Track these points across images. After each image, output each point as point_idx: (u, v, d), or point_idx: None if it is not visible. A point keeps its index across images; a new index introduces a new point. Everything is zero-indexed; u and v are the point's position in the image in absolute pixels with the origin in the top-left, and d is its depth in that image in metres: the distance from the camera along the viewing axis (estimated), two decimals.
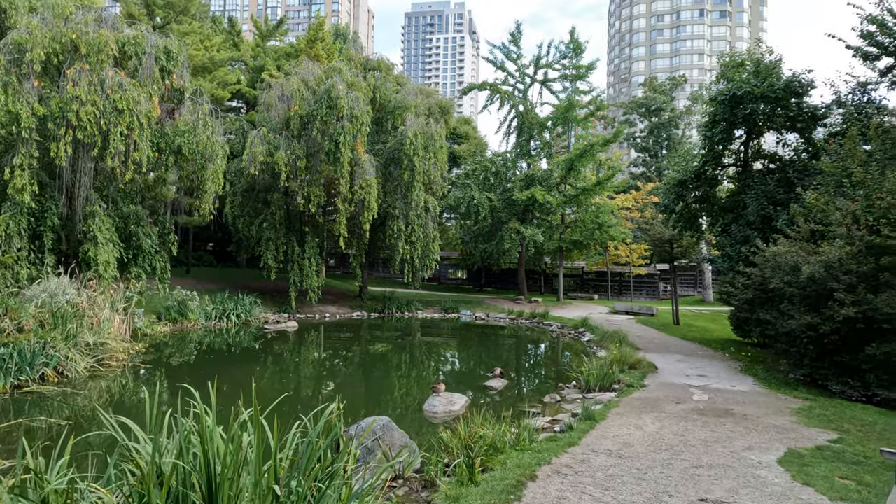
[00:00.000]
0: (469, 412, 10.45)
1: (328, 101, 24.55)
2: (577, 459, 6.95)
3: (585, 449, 7.40)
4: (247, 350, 18.50)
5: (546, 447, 7.39)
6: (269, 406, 4.92)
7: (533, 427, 8.14)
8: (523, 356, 19.55)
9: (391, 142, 28.24)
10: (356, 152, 25.27)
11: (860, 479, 6.39)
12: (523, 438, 7.77)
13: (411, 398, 12.13)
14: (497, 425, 8.10)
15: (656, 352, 17.20)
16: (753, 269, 14.60)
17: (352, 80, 27.05)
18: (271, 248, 26.21)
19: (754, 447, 7.67)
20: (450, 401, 10.68)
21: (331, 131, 24.57)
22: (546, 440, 7.87)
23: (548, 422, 9.81)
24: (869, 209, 12.42)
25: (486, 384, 12.87)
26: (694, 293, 43.19)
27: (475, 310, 31.37)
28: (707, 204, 19.64)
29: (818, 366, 12.66)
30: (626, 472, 6.50)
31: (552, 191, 32.75)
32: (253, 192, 26.99)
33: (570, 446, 7.48)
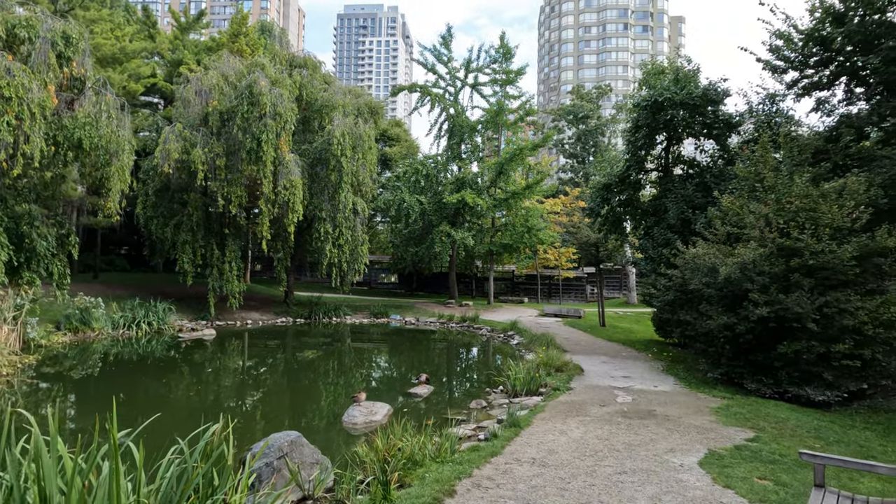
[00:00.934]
0: (391, 422, 9.95)
1: (250, 98, 23.40)
2: (499, 470, 6.60)
3: (509, 458, 7.07)
4: (155, 361, 17.15)
5: (468, 458, 7.00)
6: (156, 425, 4.24)
7: (455, 436, 7.74)
8: (452, 361, 19.22)
9: (318, 142, 27.31)
10: (280, 151, 24.20)
11: (777, 479, 6.38)
12: (445, 449, 7.35)
13: (331, 409, 11.46)
14: (417, 436, 7.64)
15: (583, 354, 17.31)
16: (674, 271, 14.91)
17: (276, 76, 25.96)
18: (188, 251, 24.66)
19: (676, 449, 7.60)
20: (371, 410, 10.13)
21: (253, 129, 23.41)
22: (469, 450, 7.48)
23: (473, 429, 9.45)
24: (779, 212, 12.91)
25: (412, 391, 12.40)
26: (619, 295, 44.52)
27: (405, 314, 30.85)
28: (631, 207, 20.07)
29: (734, 365, 13.02)
30: (549, 483, 6.20)
31: (482, 194, 32.76)
32: (168, 191, 25.31)
33: (494, 456, 7.13)
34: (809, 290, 11.99)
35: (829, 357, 11.76)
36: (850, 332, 11.79)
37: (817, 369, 11.89)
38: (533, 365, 13.35)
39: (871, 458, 7.74)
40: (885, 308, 11.95)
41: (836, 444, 8.35)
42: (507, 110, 33.78)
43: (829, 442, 8.40)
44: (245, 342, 22.06)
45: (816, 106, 19.42)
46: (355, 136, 26.86)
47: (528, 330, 22.17)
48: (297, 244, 30.42)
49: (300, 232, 29.73)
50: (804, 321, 11.70)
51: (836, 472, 6.90)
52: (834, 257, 11.84)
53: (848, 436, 9.20)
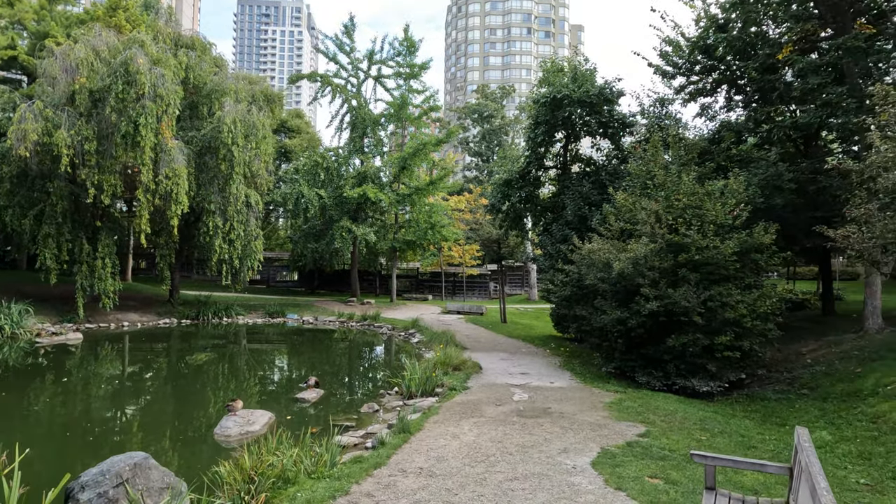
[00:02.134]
0: (271, 432, 9.03)
1: (126, 76, 21.17)
2: (381, 484, 5.95)
3: (394, 469, 6.44)
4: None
5: (348, 472, 6.30)
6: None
7: (337, 447, 6.99)
8: (347, 362, 18.34)
9: (206, 129, 25.28)
10: (162, 137, 22.12)
11: (667, 477, 6.22)
12: (324, 462, 6.60)
13: (204, 420, 10.28)
14: (294, 448, 6.83)
15: (483, 351, 17.07)
16: (571, 267, 14.99)
17: (158, 55, 23.67)
18: (51, 245, 21.94)
19: (570, 449, 7.32)
20: (248, 420, 9.13)
21: (130, 111, 21.21)
22: (351, 462, 6.78)
23: (361, 436, 8.75)
24: (669, 209, 13.25)
25: (299, 396, 11.47)
26: (522, 292, 45.42)
27: (303, 313, 29.44)
28: (531, 204, 20.16)
29: (627, 359, 13.22)
30: (434, 496, 5.64)
31: (385, 189, 31.99)
32: (27, 178, 22.38)
33: (377, 467, 6.47)
34: (695, 285, 12.37)
35: (712, 349, 12.19)
36: (731, 324, 12.28)
37: (702, 361, 12.30)
38: (430, 364, 12.84)
39: (752, 449, 7.88)
40: (762, 301, 12.58)
41: (721, 435, 8.48)
42: (411, 104, 33.19)
43: (713, 434, 8.51)
44: (117, 347, 19.90)
45: (701, 111, 20.50)
46: (248, 124, 25.15)
47: (429, 328, 21.72)
48: (184, 239, 28.14)
49: (187, 226, 27.49)
50: (691, 314, 12.03)
51: None
52: (717, 253, 12.28)
53: (730, 425, 9.44)
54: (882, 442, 8.46)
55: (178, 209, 22.41)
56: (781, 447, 8.22)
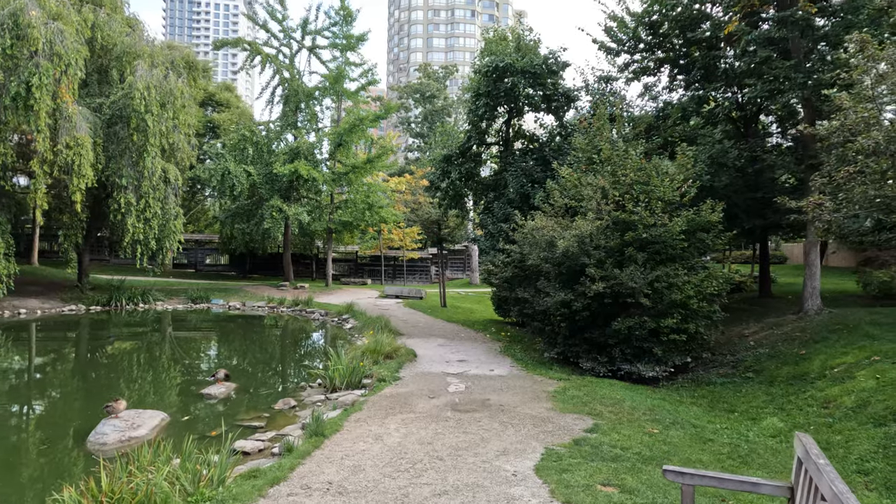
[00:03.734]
0: (162, 436, 7.62)
1: (15, 30, 18.59)
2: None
3: (296, 485, 5.23)
4: None
5: (236, 492, 5.04)
6: None
7: (227, 459, 5.70)
8: (268, 351, 16.81)
9: (117, 95, 22.80)
10: (61, 102, 19.65)
11: (622, 484, 5.30)
12: (207, 480, 5.31)
13: (83, 424, 8.63)
14: (172, 462, 5.51)
15: (419, 336, 16.00)
16: (513, 247, 14.08)
17: (58, 9, 21.00)
18: None
19: (510, 450, 6.32)
20: (132, 423, 7.66)
21: (21, 71, 18.67)
22: (243, 477, 5.52)
23: (269, 439, 7.48)
24: (615, 185, 12.49)
25: (205, 392, 10.01)
26: (463, 276, 44.65)
27: (230, 298, 27.47)
28: (472, 181, 19.13)
29: (571, 343, 12.45)
30: None
31: (319, 167, 30.21)
32: None
33: (275, 483, 5.25)
34: (642, 265, 11.68)
35: (658, 332, 11.57)
36: (677, 306, 11.69)
37: (648, 345, 11.67)
38: (357, 353, 11.63)
39: (709, 442, 7.14)
40: (709, 282, 12.04)
41: (673, 426, 7.71)
42: (347, 78, 31.37)
43: (665, 425, 7.74)
44: (4, 338, 17.59)
45: (644, 90, 19.99)
46: (165, 92, 22.87)
47: (364, 312, 20.44)
48: (95, 218, 25.63)
49: (97, 202, 25.04)
50: (637, 296, 11.34)
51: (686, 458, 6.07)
52: (665, 231, 11.62)
53: (680, 414, 8.75)
54: (838, 430, 7.93)
55: (81, 183, 20.06)
56: (737, 439, 7.54)
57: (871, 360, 10.05)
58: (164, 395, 10.49)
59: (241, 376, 12.15)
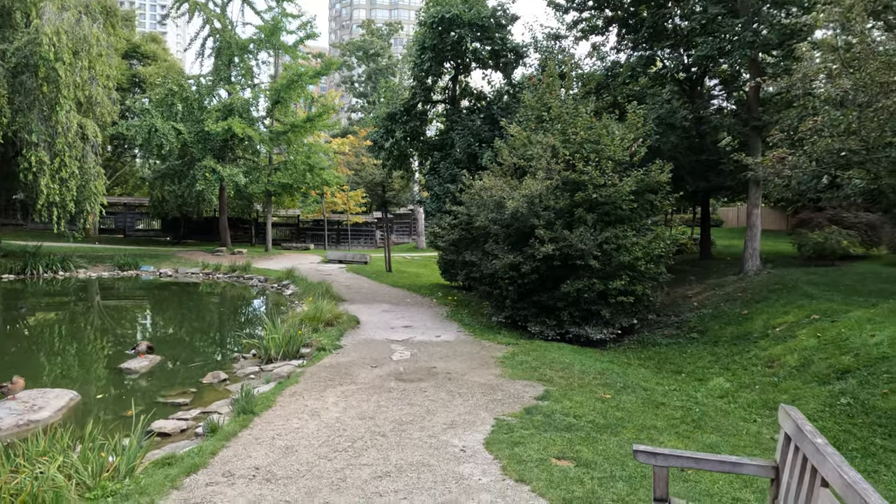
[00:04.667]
0: (70, 417, 6.82)
1: None
2: (189, 499, 4.12)
3: (217, 473, 4.61)
4: None
5: (145, 484, 4.38)
6: None
7: (137, 445, 5.00)
8: (200, 320, 15.78)
9: (22, 41, 20.48)
10: None
11: (578, 456, 4.96)
12: (114, 470, 4.62)
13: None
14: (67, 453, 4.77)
15: (363, 302, 15.39)
16: (460, 208, 13.56)
17: None
18: None
19: (458, 423, 5.89)
20: (33, 405, 6.77)
21: None
22: (156, 464, 4.85)
23: (194, 417, 6.77)
24: (566, 143, 12.08)
25: (125, 366, 9.11)
26: (409, 240, 43.99)
27: (161, 265, 25.87)
28: (417, 141, 18.34)
29: (519, 307, 12.15)
30: None
31: (255, 125, 28.52)
32: None
33: (193, 471, 4.61)
34: (592, 226, 11.41)
35: (607, 294, 11.41)
36: (626, 268, 11.53)
37: (597, 307, 11.50)
38: (295, 321, 10.93)
39: (661, 406, 6.95)
40: (656, 243, 11.92)
41: (625, 391, 7.49)
42: (284, 30, 29.44)
43: (617, 390, 7.51)
44: None
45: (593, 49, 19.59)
46: (78, 38, 20.71)
47: (304, 278, 19.57)
48: (4, 177, 23.36)
49: (5, 161, 22.76)
50: (587, 258, 11.09)
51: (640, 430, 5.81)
52: (615, 191, 11.34)
53: (629, 377, 8.58)
54: (783, 388, 7.94)
55: None
56: (687, 401, 7.40)
57: (811, 319, 10.20)
58: (77, 371, 9.51)
59: (168, 348, 11.23)
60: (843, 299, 11.00)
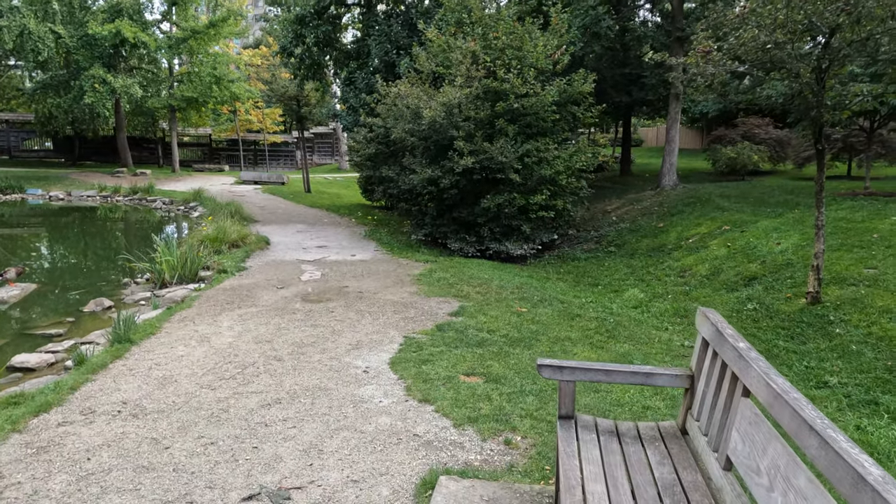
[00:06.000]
0: None
1: None
2: (30, 448, 3.50)
3: (74, 410, 3.98)
4: None
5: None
6: None
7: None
8: (90, 244, 14.38)
9: None
10: None
11: (488, 372, 4.68)
12: None
13: None
14: None
15: (277, 223, 14.49)
16: (376, 120, 12.68)
17: None
18: None
19: (363, 343, 5.47)
20: None
21: None
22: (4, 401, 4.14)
23: (67, 349, 6.00)
24: (486, 49, 11.32)
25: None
26: (332, 161, 42.21)
27: (52, 187, 23.43)
28: (330, 48, 16.89)
29: (439, 224, 11.71)
30: (122, 458, 3.37)
31: (149, 29, 25.50)
32: None
33: (44, 411, 3.96)
34: (513, 138, 10.94)
35: (527, 209, 11.14)
36: (547, 182, 11.26)
37: (517, 223, 11.25)
38: (195, 242, 10.01)
39: (576, 318, 6.82)
40: (578, 157, 11.67)
41: (541, 304, 7.32)
42: None
43: (534, 303, 7.32)
44: None
45: None
46: None
47: (213, 199, 18.22)
48: None
49: None
50: (507, 171, 10.68)
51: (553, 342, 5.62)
52: (538, 101, 10.83)
53: (547, 290, 8.44)
54: (694, 297, 8.04)
55: None
56: (602, 312, 7.33)
57: (722, 230, 10.40)
58: None
59: (48, 276, 10.10)
60: (752, 211, 11.28)
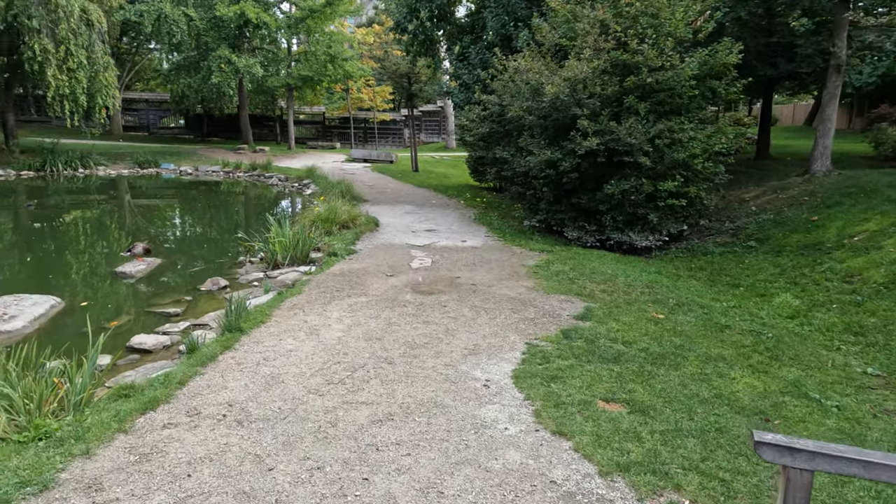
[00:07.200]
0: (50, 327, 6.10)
1: None
2: (133, 455, 3.25)
3: (180, 410, 3.75)
4: None
5: (90, 424, 3.53)
6: None
7: (87, 375, 4.15)
8: (212, 220, 14.95)
9: None
10: None
11: (631, 399, 3.93)
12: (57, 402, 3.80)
13: None
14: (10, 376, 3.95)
15: (386, 203, 14.32)
16: (491, 97, 11.98)
17: None
18: None
19: (481, 348, 4.90)
20: (3, 314, 6.03)
21: None
22: (110, 397, 4.01)
23: (182, 331, 5.97)
24: (617, 18, 10.21)
25: (119, 270, 8.35)
26: (439, 139, 42.10)
27: (182, 163, 25.06)
28: (444, 22, 16.31)
29: (556, 210, 10.86)
30: (223, 478, 3.02)
31: (271, 9, 26.30)
32: None
33: (151, 408, 3.75)
34: (644, 117, 9.81)
35: (656, 197, 10.01)
36: (680, 166, 10.04)
37: (643, 211, 10.15)
38: (307, 222, 9.94)
39: (726, 330, 5.82)
40: (717, 138, 10.31)
41: (680, 309, 6.37)
42: None
43: (670, 307, 6.40)
44: None
45: None
46: None
47: (325, 177, 18.47)
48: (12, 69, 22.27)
49: (10, 52, 21.57)
50: (636, 154, 9.60)
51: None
52: (674, 75, 9.61)
53: (682, 292, 7.43)
54: (870, 310, 6.69)
55: None
56: (753, 323, 6.25)
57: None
58: (67, 274, 8.80)
59: (171, 250, 10.50)
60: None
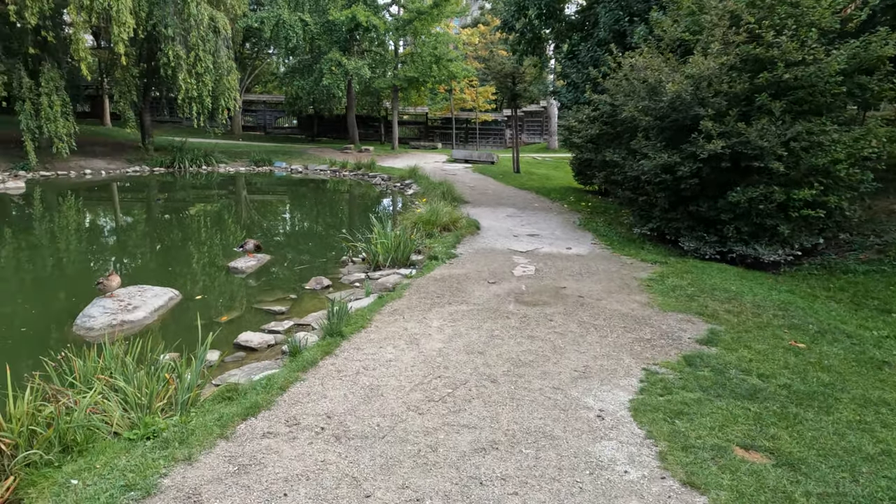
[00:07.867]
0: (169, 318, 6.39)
1: None
2: (233, 465, 3.19)
3: (279, 419, 3.67)
4: None
5: (194, 426, 3.53)
6: None
7: (196, 372, 4.21)
8: (319, 218, 15.39)
9: None
10: None
11: (776, 448, 3.36)
12: (167, 400, 3.86)
13: (76, 301, 7.36)
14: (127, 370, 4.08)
15: (486, 205, 14.07)
16: (602, 97, 11.35)
17: None
18: None
19: (592, 371, 4.48)
20: (128, 304, 6.40)
21: None
22: (215, 398, 4.03)
23: (286, 330, 6.04)
24: (751, 7, 9.26)
25: (232, 265, 8.70)
26: (541, 140, 41.32)
27: (293, 161, 26.29)
28: (553, 20, 15.76)
29: (670, 218, 10.07)
30: (319, 502, 2.86)
31: (380, 13, 26.91)
32: None
33: (252, 415, 3.71)
34: (779, 118, 8.82)
35: (788, 206, 8.98)
36: (818, 173, 8.93)
37: (773, 222, 9.13)
38: (408, 223, 9.88)
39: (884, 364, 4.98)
40: (866, 141, 9.04)
41: (823, 338, 5.56)
42: None
43: (811, 335, 5.60)
44: (65, 198, 17.18)
45: None
46: None
47: (427, 177, 18.54)
48: (149, 75, 24.38)
49: (148, 58, 23.62)
50: (767, 159, 8.65)
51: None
52: (817, 70, 8.54)
53: (821, 317, 6.53)
54: None
55: (122, 32, 18.42)
56: None
57: None
58: (185, 267, 9.31)
59: (280, 247, 10.86)
60: None
